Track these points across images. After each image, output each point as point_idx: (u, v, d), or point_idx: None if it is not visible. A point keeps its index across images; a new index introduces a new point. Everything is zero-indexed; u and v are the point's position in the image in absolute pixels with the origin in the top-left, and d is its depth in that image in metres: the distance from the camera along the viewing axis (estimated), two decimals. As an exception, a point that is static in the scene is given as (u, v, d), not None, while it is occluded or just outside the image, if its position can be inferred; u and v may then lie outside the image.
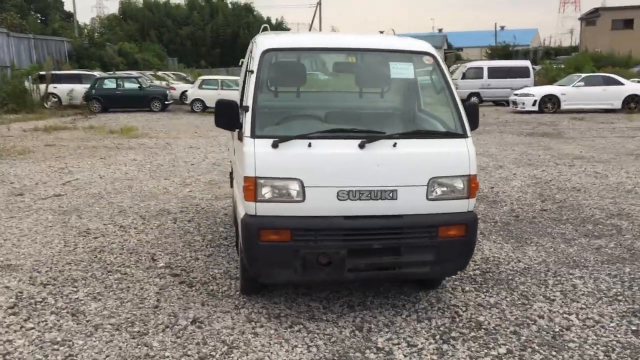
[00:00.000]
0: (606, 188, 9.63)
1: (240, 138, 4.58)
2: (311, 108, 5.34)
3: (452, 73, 31.06)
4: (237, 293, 5.24)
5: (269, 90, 4.91)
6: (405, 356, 4.16)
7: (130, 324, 4.64)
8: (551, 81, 28.38)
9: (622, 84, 23.06)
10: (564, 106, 23.02)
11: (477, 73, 27.28)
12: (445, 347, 4.30)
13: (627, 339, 4.43)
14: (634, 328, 4.61)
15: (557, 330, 4.58)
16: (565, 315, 4.83)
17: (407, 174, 4.43)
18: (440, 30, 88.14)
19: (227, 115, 4.66)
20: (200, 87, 25.65)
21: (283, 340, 4.37)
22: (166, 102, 25.94)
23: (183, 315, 4.79)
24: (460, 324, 4.66)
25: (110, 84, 26.09)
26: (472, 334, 4.50)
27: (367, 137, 4.45)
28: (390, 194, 4.41)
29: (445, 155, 4.52)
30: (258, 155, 4.34)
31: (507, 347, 4.29)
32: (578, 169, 11.32)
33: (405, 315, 4.81)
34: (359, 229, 4.41)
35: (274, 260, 4.43)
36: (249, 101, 4.55)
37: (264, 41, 4.89)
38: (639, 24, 47.83)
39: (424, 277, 4.99)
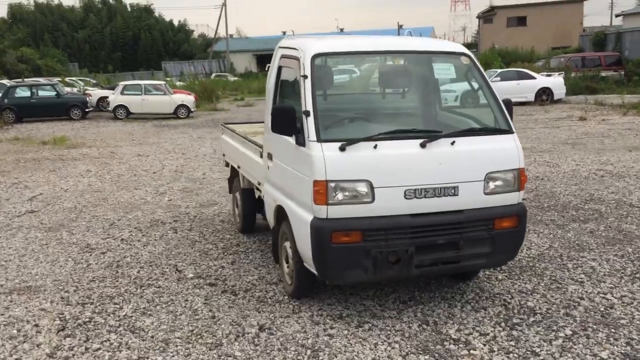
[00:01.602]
0: (565, 176, 10.28)
1: (301, 143, 4.61)
2: (365, 110, 5.44)
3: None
4: (286, 298, 5.26)
5: (323, 94, 4.96)
6: (483, 344, 4.36)
7: (198, 336, 4.58)
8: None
9: (534, 78, 24.49)
10: (484, 100, 24.09)
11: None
12: (514, 333, 4.53)
13: (666, 312, 4.84)
14: (667, 302, 5.04)
15: (602, 309, 4.93)
16: (602, 295, 5.20)
17: (467, 170, 4.64)
18: (341, 30, 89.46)
19: (284, 121, 4.68)
20: (122, 92, 24.84)
21: (362, 340, 4.45)
22: (87, 110, 24.94)
23: (246, 323, 4.77)
24: (515, 311, 4.92)
25: (23, 93, 24.74)
26: (531, 319, 4.77)
27: (427, 136, 4.61)
28: (452, 190, 4.60)
29: (499, 151, 4.76)
30: (328, 158, 4.41)
31: (569, 328, 4.59)
32: (529, 159, 11.98)
33: (460, 307, 5.01)
34: (425, 225, 4.58)
35: (345, 261, 4.52)
36: (308, 106, 4.60)
37: (310, 45, 4.95)
38: (532, 21, 50.68)
39: (480, 269, 5.22)
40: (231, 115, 24.83)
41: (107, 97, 26.78)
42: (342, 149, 4.44)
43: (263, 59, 69.01)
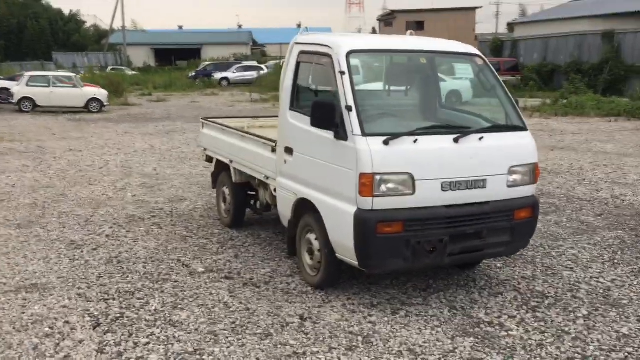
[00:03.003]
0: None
1: (342, 137, 4.76)
2: (399, 106, 5.64)
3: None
4: (309, 289, 5.37)
5: (361, 90, 5.11)
6: (517, 326, 4.71)
7: (243, 328, 4.62)
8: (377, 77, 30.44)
9: (445, 81, 25.62)
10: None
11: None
12: (538, 314, 4.93)
13: (655, 292, 5.41)
14: (652, 283, 5.63)
15: (601, 292, 5.44)
16: (595, 280, 5.73)
17: (494, 164, 4.98)
18: (240, 26, 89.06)
19: (325, 115, 4.81)
20: (28, 84, 23.48)
21: (405, 326, 4.68)
22: (-11, 102, 23.39)
23: (284, 314, 4.86)
24: (528, 295, 5.32)
25: None
26: (546, 301, 5.19)
27: (459, 132, 4.91)
28: (482, 183, 4.93)
29: (519, 147, 5.14)
30: (374, 152, 4.59)
31: (584, 309, 5.04)
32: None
33: (478, 293, 5.36)
34: (458, 216, 4.87)
35: (387, 251, 4.72)
36: (349, 101, 4.75)
37: (344, 42, 5.10)
38: (429, 26, 52.79)
39: (499, 256, 5.57)
40: (147, 110, 24.18)
41: (7, 88, 25.20)
42: (386, 142, 4.64)
43: (162, 53, 67.51)
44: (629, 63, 28.06)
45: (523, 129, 5.28)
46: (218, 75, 43.08)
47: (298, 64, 5.61)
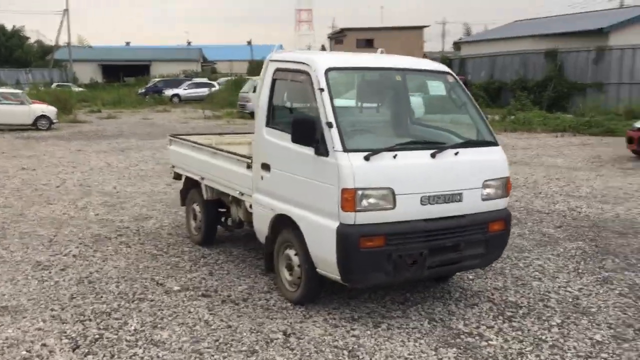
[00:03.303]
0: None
1: (323, 153, 4.82)
2: (375, 122, 5.72)
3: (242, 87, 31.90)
4: (289, 304, 5.38)
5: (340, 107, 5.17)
6: (495, 335, 4.84)
7: (228, 345, 4.60)
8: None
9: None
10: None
11: (266, 87, 28.46)
12: (514, 324, 5.07)
13: (620, 300, 5.63)
14: (617, 291, 5.86)
15: (570, 300, 5.63)
16: (563, 289, 5.92)
17: (469, 178, 5.13)
18: (189, 43, 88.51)
19: (306, 132, 4.86)
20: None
21: (388, 338, 4.74)
22: None
23: (267, 330, 4.86)
24: (503, 306, 5.47)
25: None
26: (520, 311, 5.34)
27: (435, 147, 5.04)
28: (458, 197, 5.06)
29: (492, 161, 5.31)
30: (355, 167, 4.67)
31: (557, 317, 5.21)
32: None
33: (454, 305, 5.47)
34: (437, 229, 4.99)
35: (369, 265, 4.79)
36: (329, 117, 4.83)
37: (321, 60, 5.17)
38: (378, 44, 53.48)
39: (474, 268, 5.69)
40: (98, 127, 23.71)
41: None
42: (366, 158, 4.72)
43: (109, 70, 66.43)
44: (571, 80, 29.12)
45: (495, 144, 5.44)
46: (169, 92, 42.67)
47: (274, 81, 5.66)
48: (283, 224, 5.44)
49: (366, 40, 54.01)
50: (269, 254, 5.71)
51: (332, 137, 4.77)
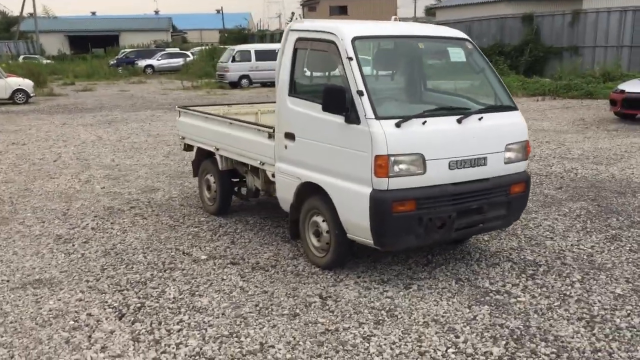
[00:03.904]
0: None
1: (354, 121, 4.92)
2: (402, 89, 5.82)
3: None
4: (317, 270, 5.52)
5: (368, 75, 5.25)
6: (522, 292, 5.06)
7: (269, 310, 4.74)
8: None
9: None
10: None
11: (245, 56, 28.26)
12: (538, 281, 5.29)
13: (632, 255, 5.89)
14: (627, 247, 6.12)
15: (585, 257, 5.88)
16: (576, 247, 6.17)
17: (493, 142, 5.28)
18: (156, 12, 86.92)
19: (336, 101, 4.95)
20: (-55, 75, 22.18)
21: (421, 298, 4.93)
22: None
23: (303, 294, 5.01)
24: (522, 264, 5.69)
25: None
26: (541, 269, 5.57)
27: (461, 113, 5.18)
28: (483, 161, 5.22)
29: (513, 125, 5.48)
30: (388, 134, 4.78)
31: (576, 273, 5.44)
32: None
33: (476, 265, 5.68)
34: (464, 193, 5.15)
35: (402, 228, 4.95)
36: (359, 86, 4.92)
37: (347, 29, 5.24)
38: (352, 11, 53.43)
39: (496, 229, 5.88)
40: (76, 100, 23.37)
41: None
42: (397, 125, 4.84)
43: (77, 41, 65.03)
44: (547, 45, 29.37)
45: (514, 108, 5.60)
46: (142, 63, 42.10)
47: (295, 51, 5.70)
48: (309, 191, 5.55)
49: (340, 7, 53.73)
50: (293, 221, 5.82)
51: (363, 105, 4.87)
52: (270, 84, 28.66)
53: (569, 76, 23.80)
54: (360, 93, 4.89)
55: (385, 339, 4.28)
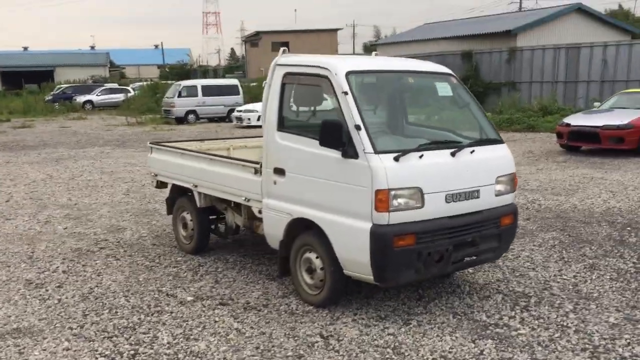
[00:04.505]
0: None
1: (352, 155, 4.87)
2: (395, 123, 5.81)
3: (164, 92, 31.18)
4: (311, 308, 5.40)
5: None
6: (520, 325, 5.06)
7: (271, 352, 4.59)
8: (253, 98, 30.69)
9: (326, 100, 26.28)
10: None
11: (192, 91, 27.99)
12: (533, 313, 5.32)
13: (614, 284, 6.02)
14: (608, 276, 6.25)
15: (571, 288, 5.97)
16: (559, 277, 6.27)
17: (485, 175, 5.34)
18: (92, 47, 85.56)
19: (334, 135, 4.90)
20: None
21: (423, 334, 4.87)
22: None
23: (303, 334, 4.88)
24: (513, 296, 5.73)
25: None
26: (532, 300, 5.62)
27: (455, 146, 5.23)
28: (476, 194, 5.26)
29: (502, 158, 5.56)
30: (388, 169, 4.76)
31: (567, 304, 5.50)
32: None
33: (469, 298, 5.68)
34: (460, 226, 5.17)
35: (402, 263, 4.90)
36: (356, 120, 4.90)
37: (340, 64, 5.23)
38: (294, 46, 53.78)
39: (488, 262, 5.90)
40: (15, 137, 22.51)
41: None
42: (396, 159, 4.83)
43: (9, 76, 62.99)
44: (486, 80, 30.40)
45: (500, 141, 5.69)
46: (80, 98, 41.13)
47: (283, 85, 5.65)
48: (301, 227, 5.45)
49: (281, 43, 54.08)
50: (283, 258, 5.69)
51: (362, 139, 4.84)
52: (217, 120, 28.51)
53: (510, 110, 24.63)
54: (357, 127, 4.87)
55: (398, 378, 4.18)
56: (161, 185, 7.56)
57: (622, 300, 5.62)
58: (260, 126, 20.95)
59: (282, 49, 6.04)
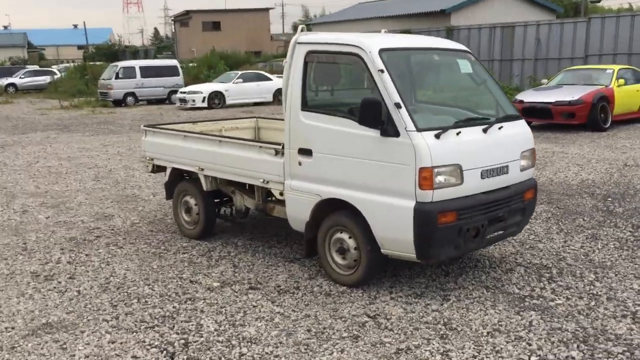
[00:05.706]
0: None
1: (392, 134, 4.84)
2: (429, 100, 5.78)
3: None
4: (343, 288, 5.36)
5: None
6: (556, 296, 5.20)
7: (325, 334, 4.53)
8: (194, 79, 30.03)
9: (271, 80, 26.08)
10: (228, 101, 24.93)
11: (129, 72, 27.05)
12: (561, 283, 5.49)
13: (620, 253, 6.28)
14: (611, 245, 6.51)
15: (583, 258, 6.18)
16: (569, 248, 6.47)
17: (512, 151, 5.44)
18: (6, 27, 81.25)
19: (374, 113, 4.85)
20: None
21: (466, 309, 4.93)
22: None
23: (349, 315, 4.85)
24: (535, 268, 5.88)
25: None
26: (554, 271, 5.78)
27: (486, 123, 5.29)
28: (506, 169, 5.35)
29: (524, 134, 5.66)
30: (431, 146, 4.77)
31: (588, 273, 5.69)
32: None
33: (494, 272, 5.78)
34: (493, 201, 5.25)
35: (444, 240, 4.94)
36: (395, 98, 4.86)
37: (373, 42, 5.17)
38: (226, 26, 52.96)
39: (512, 236, 6.00)
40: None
41: None
42: (437, 136, 4.84)
43: None
44: (425, 59, 30.88)
45: (520, 117, 5.79)
46: (2, 81, 38.93)
47: (306, 64, 5.52)
48: (331, 208, 5.38)
49: (213, 23, 53.11)
50: (309, 239, 5.62)
51: (403, 117, 4.81)
52: (156, 102, 27.73)
53: (451, 88, 25.14)
54: (398, 105, 4.83)
55: (462, 352, 4.23)
56: (158, 169, 7.28)
57: (636, 267, 5.87)
58: (206, 107, 20.83)
59: (300, 26, 5.89)
